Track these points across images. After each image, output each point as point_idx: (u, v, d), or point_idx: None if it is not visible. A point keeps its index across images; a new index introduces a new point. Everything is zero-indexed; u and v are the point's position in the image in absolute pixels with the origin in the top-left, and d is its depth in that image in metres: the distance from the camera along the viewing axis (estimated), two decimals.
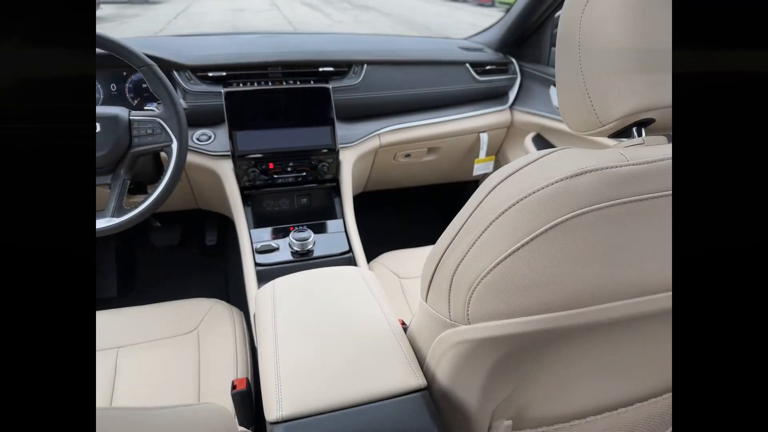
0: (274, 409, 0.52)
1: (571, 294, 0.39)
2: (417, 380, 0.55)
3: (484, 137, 1.42)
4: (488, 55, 1.46)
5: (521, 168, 0.44)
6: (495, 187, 0.44)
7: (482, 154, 1.46)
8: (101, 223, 0.92)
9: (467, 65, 1.37)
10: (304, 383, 0.55)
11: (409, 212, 1.96)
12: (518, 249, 0.39)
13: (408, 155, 1.38)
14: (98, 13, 9.82)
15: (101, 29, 0.92)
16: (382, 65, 1.28)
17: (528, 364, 0.47)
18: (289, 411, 0.52)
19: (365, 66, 1.26)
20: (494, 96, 1.46)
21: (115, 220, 0.92)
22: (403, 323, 0.66)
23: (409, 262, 1.16)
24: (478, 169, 1.51)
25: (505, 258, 0.40)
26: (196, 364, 0.91)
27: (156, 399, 0.85)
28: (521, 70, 1.47)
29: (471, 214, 0.45)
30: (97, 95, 1.16)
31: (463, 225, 0.46)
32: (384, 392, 0.54)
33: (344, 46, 1.31)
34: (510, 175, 0.44)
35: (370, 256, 1.16)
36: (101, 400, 0.84)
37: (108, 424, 0.24)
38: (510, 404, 0.52)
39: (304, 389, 0.54)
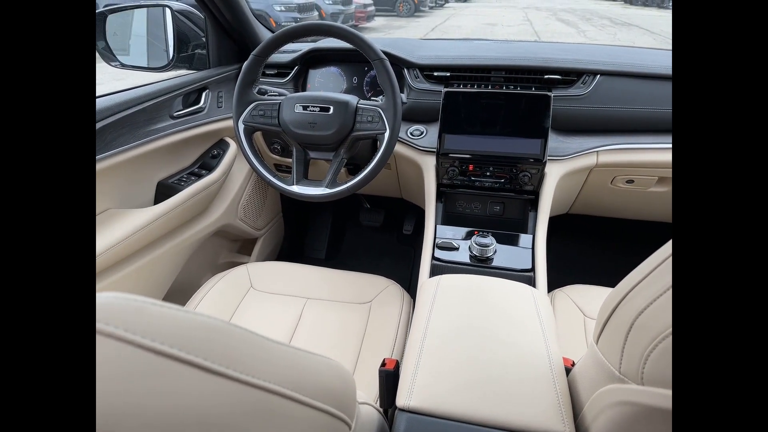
0: (404, 395, 0.52)
1: None
2: (562, 427, 0.48)
3: None
4: None
5: None
6: None
7: None
8: (317, 191, 1.07)
9: None
10: (440, 382, 0.53)
11: (616, 248, 1.71)
12: None
13: (631, 181, 1.20)
14: (371, 24, 11.46)
15: (372, 37, 1.08)
16: (618, 76, 1.14)
17: None
18: (417, 403, 0.51)
19: (598, 76, 1.14)
20: None
21: (327, 191, 1.06)
22: (572, 364, 0.58)
23: (599, 301, 1.01)
24: None
25: None
26: (362, 333, 0.98)
27: (323, 352, 0.95)
28: None
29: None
30: (342, 84, 1.35)
31: (660, 263, 0.37)
32: (520, 425, 0.49)
33: (577, 54, 1.21)
34: None
35: (554, 283, 1.05)
36: (283, 339, 0.98)
37: (226, 336, 0.27)
38: None
39: (438, 387, 0.53)
